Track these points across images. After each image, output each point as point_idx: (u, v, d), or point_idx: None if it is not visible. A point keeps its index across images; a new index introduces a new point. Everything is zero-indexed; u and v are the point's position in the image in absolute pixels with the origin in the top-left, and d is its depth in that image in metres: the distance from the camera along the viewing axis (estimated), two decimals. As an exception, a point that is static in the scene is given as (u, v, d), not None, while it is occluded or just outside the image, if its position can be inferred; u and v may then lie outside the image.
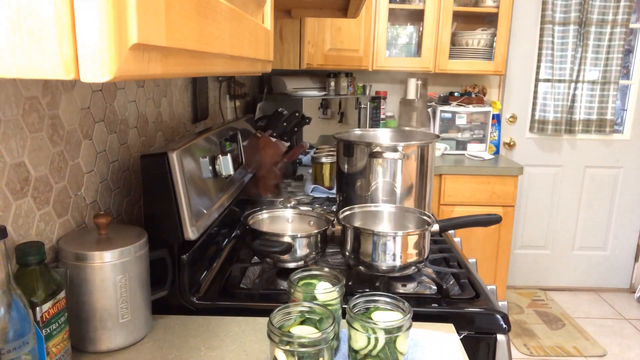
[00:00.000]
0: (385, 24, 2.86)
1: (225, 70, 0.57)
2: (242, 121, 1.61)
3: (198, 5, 0.42)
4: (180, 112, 1.55)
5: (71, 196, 0.93)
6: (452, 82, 3.29)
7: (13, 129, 0.76)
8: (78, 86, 0.94)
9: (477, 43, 2.98)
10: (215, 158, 1.18)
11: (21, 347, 0.61)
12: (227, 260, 1.25)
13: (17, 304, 0.61)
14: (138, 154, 1.21)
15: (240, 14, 0.59)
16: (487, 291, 1.10)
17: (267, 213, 1.35)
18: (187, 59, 0.43)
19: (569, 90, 3.19)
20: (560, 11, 3.09)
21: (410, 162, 1.46)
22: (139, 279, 0.87)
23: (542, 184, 3.43)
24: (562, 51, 3.15)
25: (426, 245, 1.16)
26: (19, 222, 0.78)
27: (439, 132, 3.01)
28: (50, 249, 0.85)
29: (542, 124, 3.25)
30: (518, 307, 3.23)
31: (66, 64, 0.28)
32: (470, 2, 3.00)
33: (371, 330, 0.77)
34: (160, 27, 0.34)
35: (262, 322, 0.97)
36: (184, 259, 1.00)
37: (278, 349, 0.72)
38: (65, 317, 0.75)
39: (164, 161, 0.97)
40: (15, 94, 0.76)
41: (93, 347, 0.84)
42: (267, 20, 0.82)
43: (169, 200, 0.97)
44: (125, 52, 0.30)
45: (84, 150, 0.97)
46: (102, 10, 0.28)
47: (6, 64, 0.28)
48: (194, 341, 0.91)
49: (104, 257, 0.81)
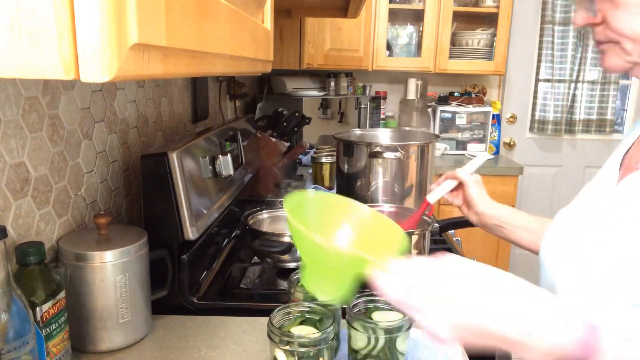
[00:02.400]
0: (385, 24, 2.86)
1: (225, 70, 0.57)
2: (242, 121, 1.61)
3: (198, 5, 0.42)
4: (180, 112, 1.54)
5: (71, 196, 0.93)
6: (452, 82, 3.29)
7: (13, 129, 0.76)
8: (78, 86, 0.94)
9: (477, 43, 2.98)
10: (215, 158, 1.18)
11: (21, 347, 0.61)
12: (227, 260, 1.25)
13: (17, 304, 0.61)
14: (138, 154, 1.21)
15: (240, 14, 0.59)
16: (487, 291, 1.10)
17: (267, 213, 1.35)
18: (187, 59, 0.43)
19: (569, 90, 3.19)
20: (560, 11, 3.09)
21: (410, 162, 1.46)
22: (139, 279, 0.87)
23: (542, 184, 3.42)
24: (562, 51, 3.15)
25: (426, 245, 1.16)
26: (19, 222, 0.78)
27: (439, 132, 3.01)
28: (50, 249, 0.85)
29: (542, 124, 3.25)
30: (518, 307, 3.23)
31: (66, 64, 0.28)
32: (470, 2, 3.00)
33: (371, 330, 0.76)
34: (160, 27, 0.34)
35: (262, 322, 0.97)
36: (184, 259, 1.00)
37: (278, 349, 0.72)
38: (65, 317, 0.75)
39: (164, 161, 0.97)
40: (15, 94, 0.76)
41: (93, 347, 0.84)
42: (267, 20, 0.82)
43: (169, 200, 0.97)
44: (125, 52, 0.30)
45: (84, 150, 0.97)
46: (102, 10, 0.28)
47: (6, 64, 0.28)
48: (194, 341, 0.91)
49: (104, 257, 0.81)
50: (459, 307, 0.50)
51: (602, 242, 0.64)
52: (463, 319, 0.50)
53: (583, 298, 0.65)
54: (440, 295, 0.51)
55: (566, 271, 0.69)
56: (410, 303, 0.52)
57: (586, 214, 0.72)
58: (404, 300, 0.53)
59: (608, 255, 0.62)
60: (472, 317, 0.50)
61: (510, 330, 0.49)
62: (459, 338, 0.51)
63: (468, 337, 0.51)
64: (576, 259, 0.67)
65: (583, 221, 0.71)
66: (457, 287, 0.51)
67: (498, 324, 0.50)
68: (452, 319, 0.50)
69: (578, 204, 0.76)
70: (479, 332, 0.50)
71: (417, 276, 0.52)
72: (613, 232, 0.63)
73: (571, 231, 0.72)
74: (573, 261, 0.68)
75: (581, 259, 0.66)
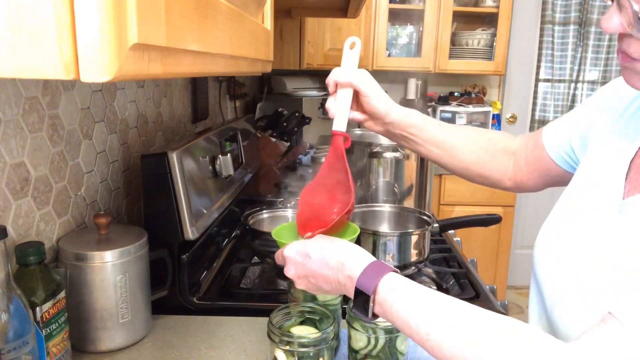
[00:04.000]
0: (385, 24, 2.86)
1: (226, 70, 0.57)
2: (242, 121, 1.61)
3: (198, 5, 0.42)
4: (180, 112, 1.54)
5: (71, 196, 0.93)
6: (452, 82, 3.29)
7: (13, 129, 0.76)
8: (78, 86, 0.94)
9: (477, 43, 2.98)
10: (215, 158, 1.18)
11: (21, 347, 0.61)
12: (227, 260, 1.25)
13: (17, 304, 0.61)
14: (138, 154, 1.21)
15: (240, 14, 0.59)
16: (487, 291, 1.10)
17: (267, 213, 1.35)
18: (187, 59, 0.43)
19: (569, 90, 3.19)
20: (560, 11, 3.09)
21: (410, 162, 1.46)
22: (139, 279, 0.87)
23: (542, 184, 3.42)
24: (562, 51, 3.15)
25: (426, 245, 1.16)
26: (19, 222, 0.78)
27: (439, 132, 3.01)
28: (50, 249, 0.85)
29: (542, 124, 3.24)
30: (518, 307, 3.24)
31: (66, 64, 0.28)
32: (470, 2, 3.00)
33: (371, 330, 0.76)
34: (160, 27, 0.34)
35: (262, 322, 0.97)
36: (184, 259, 1.00)
37: (278, 349, 0.72)
38: (65, 317, 0.75)
39: (164, 161, 0.97)
40: (15, 94, 0.76)
41: (93, 347, 0.84)
42: (267, 20, 0.82)
43: (169, 200, 0.97)
44: (125, 52, 0.30)
45: (84, 150, 0.97)
46: (102, 10, 0.28)
47: (6, 64, 0.28)
48: (194, 341, 0.91)
49: (104, 257, 0.81)
50: (302, 260, 0.70)
51: (601, 260, 0.61)
52: (302, 268, 0.70)
53: (566, 298, 0.65)
54: (295, 253, 0.71)
55: (556, 272, 0.69)
56: (282, 262, 0.74)
57: (585, 229, 0.67)
58: (281, 262, 0.74)
59: (603, 272, 0.60)
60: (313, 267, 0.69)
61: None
62: (299, 280, 0.71)
63: (303, 281, 0.71)
64: (574, 278, 0.65)
65: (582, 238, 0.66)
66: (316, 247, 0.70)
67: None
68: (296, 267, 0.71)
69: (574, 218, 0.70)
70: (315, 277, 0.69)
71: (290, 246, 0.73)
72: (615, 251, 0.59)
73: (570, 249, 0.67)
74: (565, 264, 0.67)
75: (579, 278, 0.64)
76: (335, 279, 0.67)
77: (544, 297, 0.71)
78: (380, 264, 0.65)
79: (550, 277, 0.70)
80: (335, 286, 0.68)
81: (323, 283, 0.69)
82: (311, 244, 0.71)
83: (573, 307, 0.64)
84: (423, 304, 0.58)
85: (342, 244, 0.70)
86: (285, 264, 0.73)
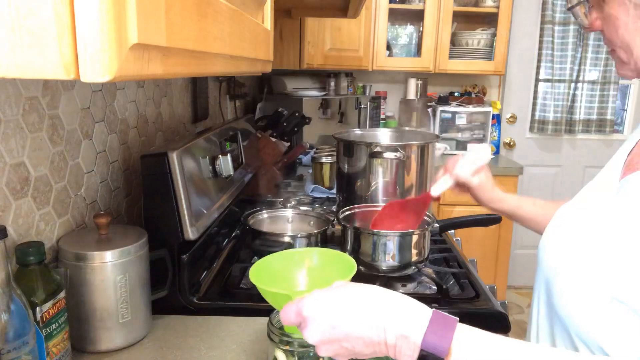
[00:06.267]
0: (385, 24, 2.86)
1: (225, 70, 0.57)
2: (242, 121, 1.61)
3: (198, 5, 0.42)
4: (180, 112, 1.55)
5: (71, 196, 0.93)
6: (452, 82, 3.29)
7: (13, 129, 0.76)
8: (78, 86, 0.94)
9: (477, 43, 2.98)
10: (215, 158, 1.18)
11: (21, 347, 0.61)
12: (227, 260, 1.25)
13: (17, 304, 0.61)
14: (138, 154, 1.21)
15: (240, 14, 0.59)
16: (487, 291, 1.10)
17: (267, 213, 1.35)
18: (187, 59, 0.43)
19: (569, 90, 3.19)
20: (560, 11, 3.09)
21: (410, 162, 1.46)
22: (139, 279, 0.87)
23: (542, 184, 3.42)
24: (562, 51, 3.15)
25: (426, 245, 1.16)
26: (19, 222, 0.78)
27: (439, 132, 3.01)
28: (50, 249, 0.85)
29: (542, 124, 3.25)
30: (518, 307, 3.23)
31: (66, 64, 0.28)
32: (470, 2, 3.00)
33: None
34: (160, 27, 0.34)
35: (262, 322, 0.97)
36: (184, 259, 1.00)
37: (278, 349, 0.72)
38: (65, 317, 0.75)
39: (164, 161, 0.97)
40: (15, 94, 0.76)
41: (93, 347, 0.84)
42: (267, 20, 0.82)
43: (169, 200, 0.97)
44: (125, 52, 0.30)
45: (84, 150, 0.97)
46: (102, 10, 0.28)
47: (6, 64, 0.28)
48: (194, 341, 0.91)
49: (104, 257, 0.81)
50: (330, 319, 0.55)
51: (598, 238, 0.64)
52: (331, 330, 0.55)
53: (569, 291, 0.66)
54: (318, 310, 0.56)
55: (561, 265, 0.69)
56: (297, 321, 0.58)
57: (586, 210, 0.72)
58: (295, 323, 0.59)
59: (600, 250, 0.62)
60: (338, 326, 0.55)
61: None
62: (325, 346, 0.56)
63: (332, 346, 0.56)
64: (572, 253, 0.67)
65: (582, 217, 0.71)
66: (333, 304, 0.56)
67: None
68: (322, 330, 0.55)
69: (579, 201, 0.76)
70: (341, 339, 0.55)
71: (308, 301, 0.58)
72: (611, 229, 0.63)
73: (570, 226, 0.72)
74: (569, 255, 0.68)
75: (576, 254, 0.66)
76: (382, 341, 0.54)
77: (550, 288, 0.72)
78: (442, 315, 0.54)
79: (555, 264, 0.71)
80: (380, 349, 0.55)
81: (363, 347, 0.55)
82: (335, 293, 0.57)
83: (577, 293, 0.64)
84: (502, 357, 0.53)
85: (377, 290, 0.57)
86: (304, 325, 0.57)
